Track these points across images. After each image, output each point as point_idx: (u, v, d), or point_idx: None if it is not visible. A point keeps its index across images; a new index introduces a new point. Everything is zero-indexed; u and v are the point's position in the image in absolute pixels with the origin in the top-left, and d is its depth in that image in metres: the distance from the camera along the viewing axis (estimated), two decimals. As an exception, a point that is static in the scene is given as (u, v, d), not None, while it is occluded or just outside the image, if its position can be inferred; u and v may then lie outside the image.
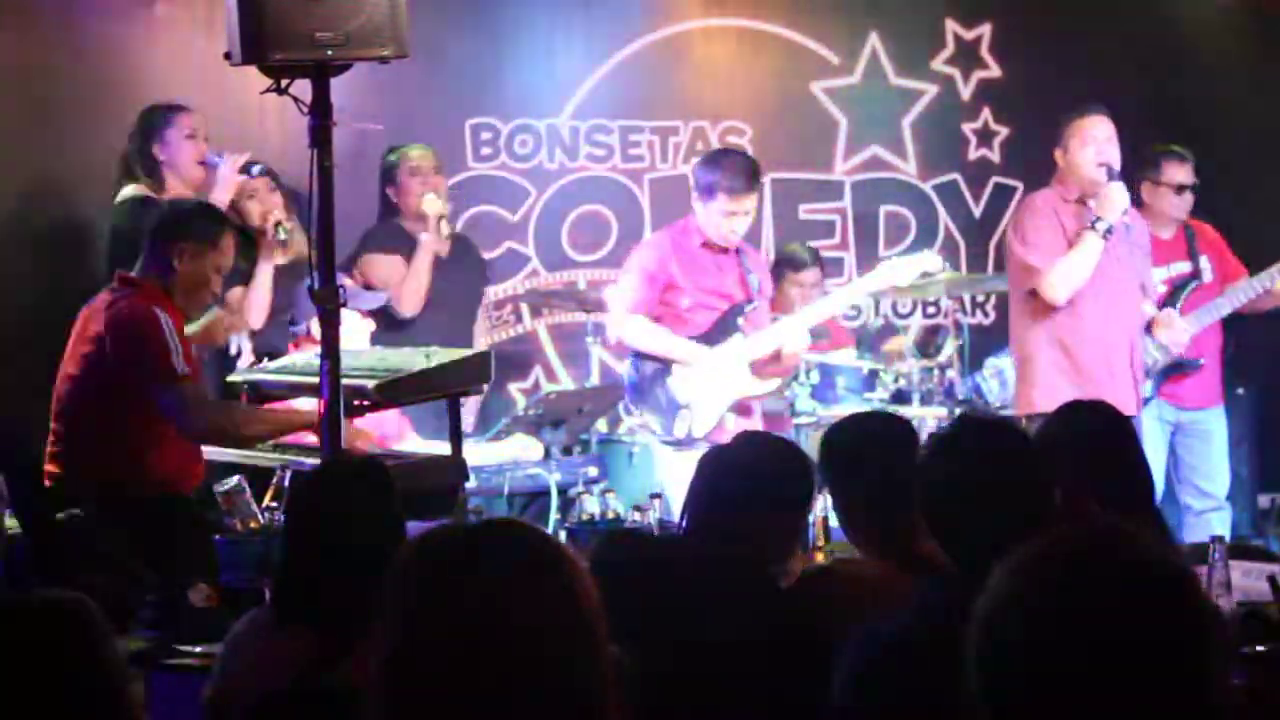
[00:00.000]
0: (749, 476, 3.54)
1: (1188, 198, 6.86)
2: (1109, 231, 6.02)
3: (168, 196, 6.01)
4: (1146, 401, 6.33)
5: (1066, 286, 6.06)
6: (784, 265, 7.20)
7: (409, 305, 6.54)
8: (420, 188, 6.61)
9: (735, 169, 6.19)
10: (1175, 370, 6.68)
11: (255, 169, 6.20)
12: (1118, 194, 6.05)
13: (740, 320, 6.22)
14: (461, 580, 1.91)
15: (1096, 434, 3.66)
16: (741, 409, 6.24)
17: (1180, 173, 6.84)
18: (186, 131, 6.17)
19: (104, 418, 5.09)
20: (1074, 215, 6.14)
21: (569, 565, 1.97)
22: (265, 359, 5.89)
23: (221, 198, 6.05)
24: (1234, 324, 6.89)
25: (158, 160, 6.13)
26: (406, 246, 6.59)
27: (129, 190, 6.08)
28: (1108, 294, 6.12)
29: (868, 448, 3.66)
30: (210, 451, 5.26)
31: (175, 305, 5.15)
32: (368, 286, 6.48)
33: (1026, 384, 6.18)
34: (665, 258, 6.19)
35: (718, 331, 6.20)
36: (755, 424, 6.25)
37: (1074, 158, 6.13)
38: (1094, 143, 6.11)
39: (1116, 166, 6.13)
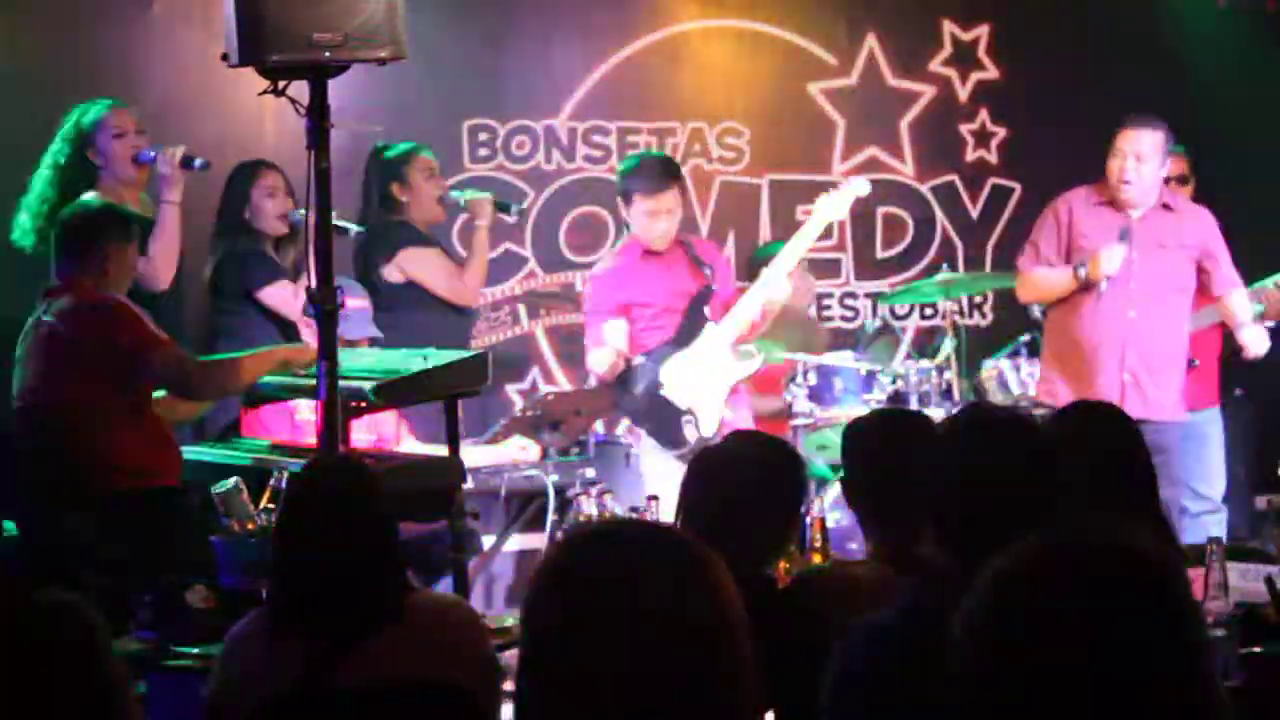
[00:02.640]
0: (741, 476, 3.53)
1: (1184, 191, 6.85)
2: (1085, 282, 6.18)
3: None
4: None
5: (1027, 294, 6.55)
6: (754, 265, 7.27)
7: (472, 295, 6.59)
8: (435, 190, 6.56)
9: (646, 169, 6.25)
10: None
11: (197, 162, 5.99)
12: (1107, 258, 6.15)
13: (705, 311, 6.23)
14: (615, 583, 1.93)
15: (1099, 435, 3.65)
16: (734, 402, 6.24)
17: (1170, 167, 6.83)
18: (113, 131, 5.94)
19: (71, 419, 5.09)
20: (1096, 219, 6.27)
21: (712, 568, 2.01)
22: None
23: (173, 198, 5.91)
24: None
25: (95, 165, 5.89)
26: (434, 243, 6.59)
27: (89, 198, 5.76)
28: (1107, 297, 6.17)
29: (883, 446, 3.65)
30: (210, 452, 5.26)
31: None
32: (409, 282, 6.43)
33: (1042, 369, 6.58)
34: (610, 288, 6.24)
35: (686, 331, 6.21)
36: (747, 418, 6.27)
37: (1107, 164, 6.25)
38: (1118, 156, 6.23)
39: (1150, 183, 6.22)
